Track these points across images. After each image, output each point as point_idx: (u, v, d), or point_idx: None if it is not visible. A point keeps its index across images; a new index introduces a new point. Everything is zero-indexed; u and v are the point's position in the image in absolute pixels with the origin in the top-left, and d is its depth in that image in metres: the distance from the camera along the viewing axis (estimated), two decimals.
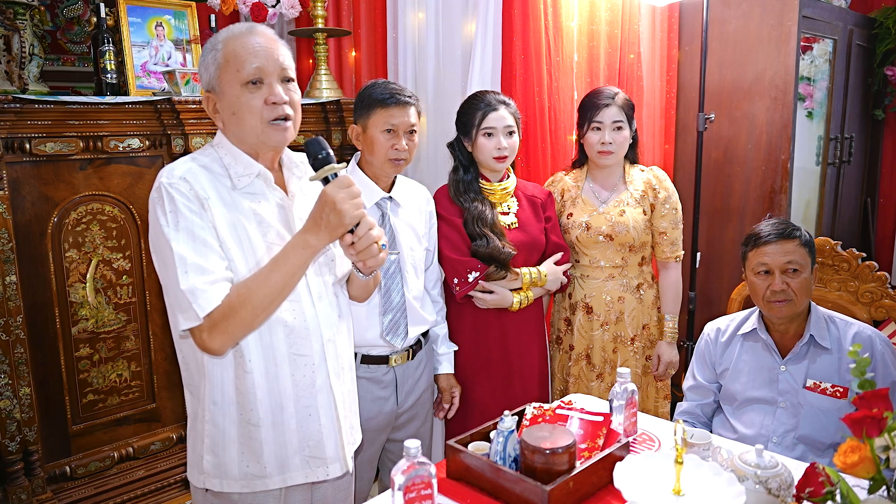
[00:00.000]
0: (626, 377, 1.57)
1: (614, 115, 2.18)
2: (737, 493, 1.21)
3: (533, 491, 1.28)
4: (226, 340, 1.27)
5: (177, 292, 1.25)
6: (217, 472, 1.38)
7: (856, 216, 3.96)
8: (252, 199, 1.36)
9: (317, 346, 1.39)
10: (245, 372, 1.34)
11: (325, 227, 1.26)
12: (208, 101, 1.37)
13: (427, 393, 2.07)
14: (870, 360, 0.97)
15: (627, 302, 2.26)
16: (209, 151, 1.39)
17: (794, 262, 1.74)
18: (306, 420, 1.39)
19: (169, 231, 1.26)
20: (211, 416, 1.36)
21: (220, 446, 1.37)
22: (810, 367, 1.76)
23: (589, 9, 2.73)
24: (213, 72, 1.33)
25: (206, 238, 1.28)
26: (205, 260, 1.26)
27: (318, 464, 1.42)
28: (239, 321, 1.26)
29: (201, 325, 1.25)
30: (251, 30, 1.34)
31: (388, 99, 1.84)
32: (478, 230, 2.05)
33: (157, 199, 1.29)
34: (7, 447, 2.04)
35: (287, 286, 1.30)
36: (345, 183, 1.26)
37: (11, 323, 2.01)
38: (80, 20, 2.55)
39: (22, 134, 2.00)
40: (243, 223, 1.33)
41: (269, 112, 1.32)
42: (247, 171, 1.35)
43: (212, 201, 1.30)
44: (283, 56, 1.35)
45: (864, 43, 3.69)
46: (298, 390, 1.38)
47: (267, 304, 1.28)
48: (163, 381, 2.39)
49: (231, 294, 1.26)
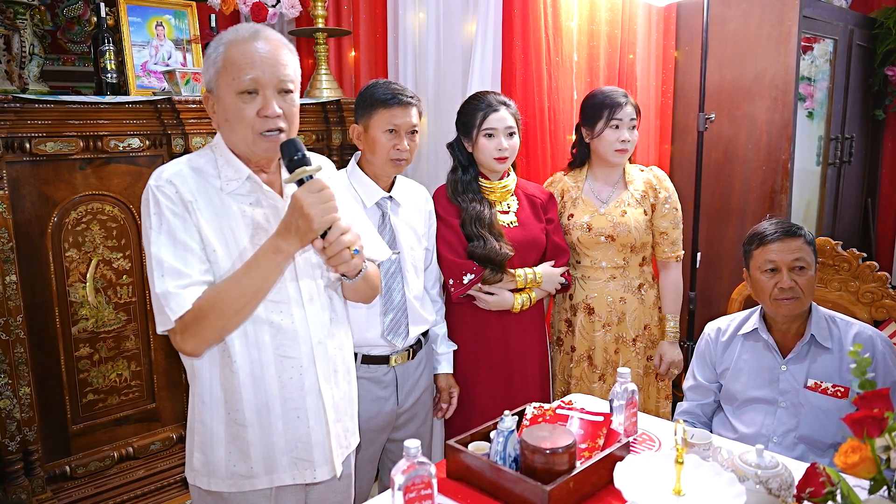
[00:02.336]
0: (626, 377, 1.57)
1: (631, 114, 2.19)
2: (737, 493, 1.21)
3: (533, 491, 1.28)
4: (199, 343, 1.28)
5: (154, 295, 1.28)
6: (206, 471, 1.39)
7: (856, 216, 3.96)
8: (242, 200, 1.35)
9: (305, 349, 1.38)
10: (231, 372, 1.34)
11: (295, 232, 1.24)
12: (207, 101, 1.37)
13: (427, 393, 2.07)
14: (871, 360, 0.97)
15: (629, 302, 2.26)
16: (206, 152, 1.39)
17: (801, 259, 1.74)
18: (294, 422, 1.38)
19: (152, 233, 1.28)
20: (200, 414, 1.38)
21: (208, 445, 1.37)
22: (811, 366, 1.76)
23: (589, 9, 2.73)
24: (212, 73, 1.32)
25: (186, 241, 1.28)
26: (182, 263, 1.26)
27: (305, 466, 1.41)
28: (209, 325, 1.26)
29: (174, 328, 1.26)
30: (255, 35, 1.31)
31: (391, 99, 1.84)
32: (475, 231, 2.05)
33: (145, 200, 1.31)
34: (7, 447, 2.04)
35: (260, 290, 1.29)
36: (317, 187, 1.23)
37: (11, 322, 2.01)
38: (80, 20, 2.55)
39: (22, 133, 2.00)
40: (230, 225, 1.32)
41: (261, 124, 1.30)
42: (236, 175, 1.35)
43: (198, 204, 1.30)
44: (283, 65, 1.31)
45: (865, 43, 3.69)
46: (285, 392, 1.37)
47: (239, 308, 1.28)
48: (162, 381, 2.39)
49: (202, 298, 1.26)
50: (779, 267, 1.75)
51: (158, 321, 1.28)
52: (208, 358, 1.35)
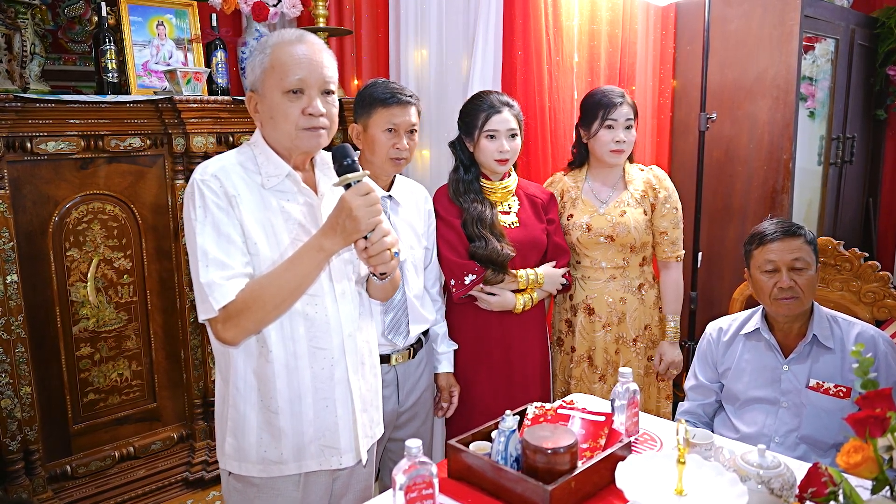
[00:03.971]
0: (627, 377, 1.57)
1: (627, 114, 2.18)
2: (739, 493, 1.20)
3: (534, 491, 1.28)
4: (238, 333, 1.34)
5: (198, 284, 1.33)
6: (237, 455, 1.44)
7: (857, 216, 3.96)
8: (281, 196, 1.41)
9: (336, 341, 1.44)
10: (267, 362, 1.40)
11: (341, 232, 1.31)
12: (250, 101, 1.43)
13: (428, 392, 2.07)
14: (873, 360, 0.97)
15: (629, 303, 2.26)
16: (245, 149, 1.45)
17: (801, 259, 1.74)
18: (323, 411, 1.44)
19: (197, 225, 1.34)
20: (234, 400, 1.43)
21: (240, 430, 1.43)
22: (813, 366, 1.76)
23: (590, 8, 2.73)
24: (258, 74, 1.39)
25: (230, 234, 1.34)
26: (226, 255, 1.33)
27: (332, 453, 1.46)
28: (251, 316, 1.32)
29: (217, 317, 1.32)
30: (300, 38, 1.39)
31: (390, 99, 1.84)
32: (477, 231, 2.05)
33: (190, 194, 1.37)
34: (8, 446, 2.04)
35: (300, 286, 1.35)
36: (364, 190, 1.30)
37: (12, 322, 2.01)
38: (81, 19, 2.55)
39: (23, 133, 2.00)
40: (271, 220, 1.39)
41: (305, 121, 1.38)
42: (277, 171, 1.41)
43: (241, 198, 1.36)
44: (326, 68, 1.39)
45: (866, 43, 3.69)
46: (317, 382, 1.43)
47: (279, 302, 1.34)
48: (163, 381, 2.39)
49: (246, 290, 1.32)
50: (778, 267, 1.75)
51: (201, 310, 1.33)
52: (244, 348, 1.41)
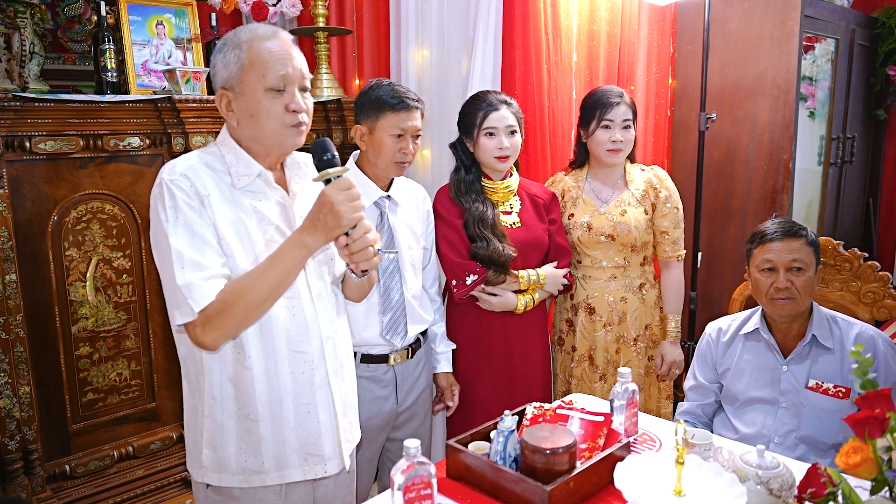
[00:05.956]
0: (627, 377, 1.57)
1: (624, 114, 2.18)
2: (738, 493, 1.20)
3: (533, 491, 1.28)
4: (219, 336, 1.29)
5: (173, 287, 1.27)
6: (216, 467, 1.39)
7: (858, 216, 3.95)
8: (252, 196, 1.37)
9: (316, 344, 1.40)
10: (244, 368, 1.35)
11: (322, 228, 1.27)
12: (222, 98, 1.36)
13: (426, 392, 2.07)
14: (872, 361, 0.97)
15: (630, 302, 2.26)
16: (212, 149, 1.40)
17: (799, 260, 1.74)
18: (305, 417, 1.40)
19: (168, 226, 1.28)
20: (210, 410, 1.38)
21: (218, 441, 1.38)
22: (812, 367, 1.76)
23: (589, 8, 2.73)
24: (233, 70, 1.33)
25: (203, 234, 1.29)
26: (201, 256, 1.28)
27: (315, 461, 1.42)
28: (232, 317, 1.27)
29: (195, 320, 1.27)
30: (275, 34, 1.35)
31: (398, 104, 1.83)
32: (478, 232, 2.05)
33: (158, 194, 1.31)
34: (7, 446, 2.04)
35: (282, 284, 1.31)
36: (345, 185, 1.27)
37: (11, 321, 2.00)
38: (80, 18, 2.55)
39: (22, 132, 1.99)
40: (244, 220, 1.34)
41: (291, 118, 1.34)
42: (247, 170, 1.37)
43: (212, 198, 1.31)
44: (301, 64, 1.36)
45: (867, 42, 3.68)
46: (297, 387, 1.39)
47: (261, 302, 1.30)
48: (163, 380, 2.39)
49: (225, 290, 1.28)
50: (776, 266, 1.75)
51: (178, 313, 1.28)
52: (219, 356, 1.35)
